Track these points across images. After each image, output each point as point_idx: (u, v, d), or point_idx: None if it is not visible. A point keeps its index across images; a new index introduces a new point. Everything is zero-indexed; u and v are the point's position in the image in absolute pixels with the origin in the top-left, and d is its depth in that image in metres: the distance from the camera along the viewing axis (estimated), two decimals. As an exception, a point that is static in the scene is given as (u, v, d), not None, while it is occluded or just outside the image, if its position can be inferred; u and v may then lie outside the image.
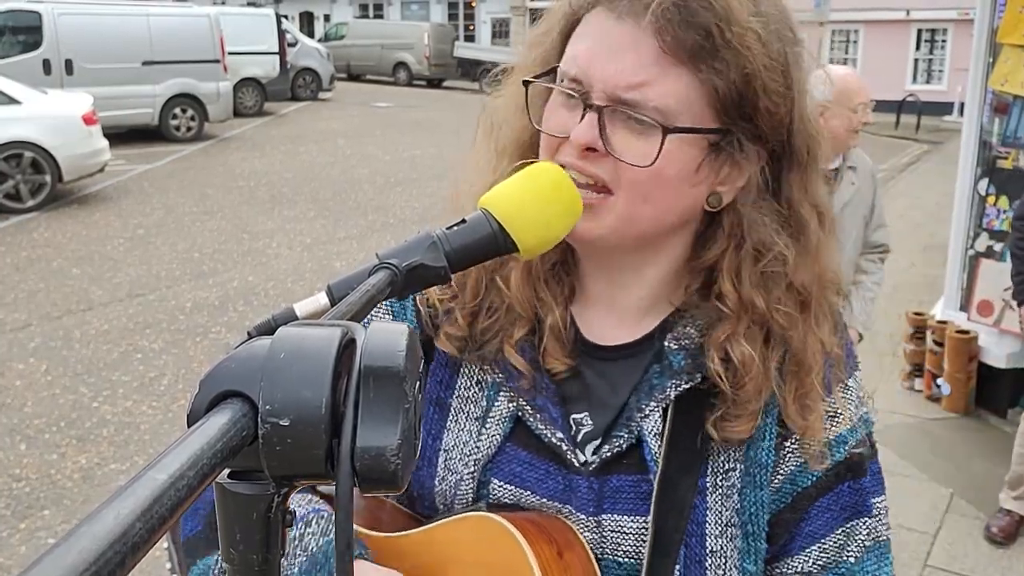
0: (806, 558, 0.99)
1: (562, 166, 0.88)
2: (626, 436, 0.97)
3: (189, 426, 0.46)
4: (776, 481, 0.98)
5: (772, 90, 0.87)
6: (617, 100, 0.87)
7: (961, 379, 5.39)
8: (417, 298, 1.06)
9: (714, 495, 0.96)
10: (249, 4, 24.47)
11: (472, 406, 1.03)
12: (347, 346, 0.49)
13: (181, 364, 6.23)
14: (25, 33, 14.82)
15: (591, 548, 0.97)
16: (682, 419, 0.96)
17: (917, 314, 5.85)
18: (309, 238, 9.72)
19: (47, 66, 14.64)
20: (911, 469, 4.81)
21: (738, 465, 0.96)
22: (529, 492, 1.00)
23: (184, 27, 16.05)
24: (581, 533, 0.97)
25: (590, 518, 0.97)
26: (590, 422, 1.00)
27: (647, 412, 0.97)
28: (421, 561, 0.98)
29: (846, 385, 1.01)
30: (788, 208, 0.95)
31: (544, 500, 0.99)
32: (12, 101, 10.76)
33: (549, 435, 0.98)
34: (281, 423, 0.46)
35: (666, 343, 0.98)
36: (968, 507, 4.48)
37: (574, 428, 1.00)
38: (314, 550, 0.92)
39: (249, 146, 15.67)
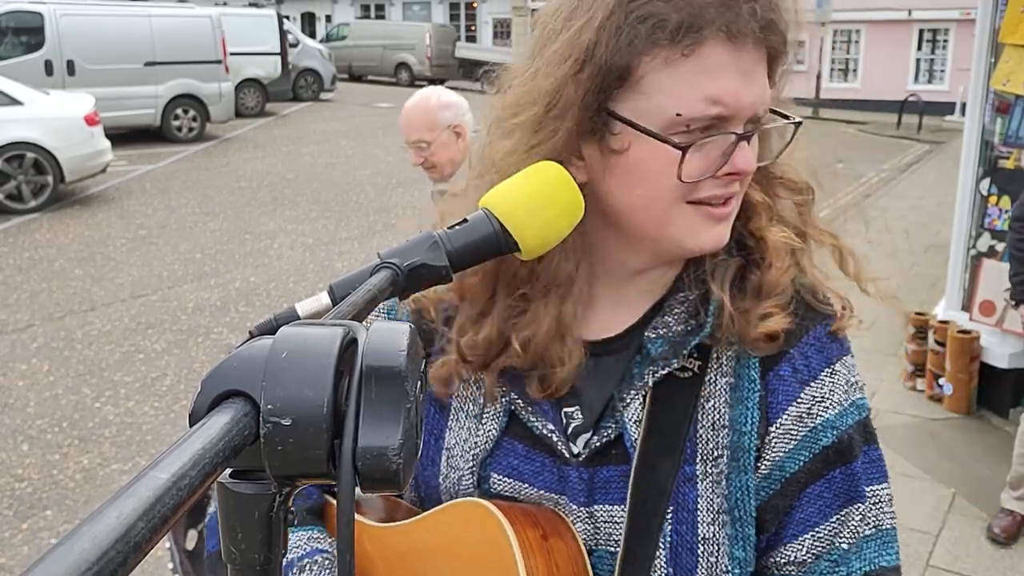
0: (799, 546, 0.98)
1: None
2: (613, 427, 0.99)
3: (191, 426, 0.46)
4: (763, 467, 0.98)
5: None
6: (757, 120, 0.90)
7: (963, 379, 5.38)
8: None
9: (704, 482, 0.97)
10: (251, 5, 24.48)
11: (470, 404, 1.05)
12: (349, 346, 0.49)
13: (183, 364, 6.23)
14: (27, 34, 14.83)
15: (586, 539, 0.98)
16: (661, 405, 0.97)
17: (919, 314, 5.83)
18: (311, 239, 9.73)
19: (49, 67, 14.65)
20: (913, 469, 4.80)
21: (725, 452, 0.97)
22: (527, 485, 1.01)
23: (186, 28, 16.06)
24: (575, 524, 0.99)
25: (582, 508, 0.99)
26: (580, 416, 1.02)
27: (628, 401, 0.98)
28: (412, 546, 1.02)
29: (833, 369, 0.99)
30: None
31: (541, 492, 1.01)
32: (14, 102, 10.77)
33: (540, 427, 1.00)
34: (283, 423, 0.46)
35: (646, 334, 0.99)
36: (970, 507, 4.47)
37: (565, 420, 1.02)
38: None
39: (251, 147, 15.68)
